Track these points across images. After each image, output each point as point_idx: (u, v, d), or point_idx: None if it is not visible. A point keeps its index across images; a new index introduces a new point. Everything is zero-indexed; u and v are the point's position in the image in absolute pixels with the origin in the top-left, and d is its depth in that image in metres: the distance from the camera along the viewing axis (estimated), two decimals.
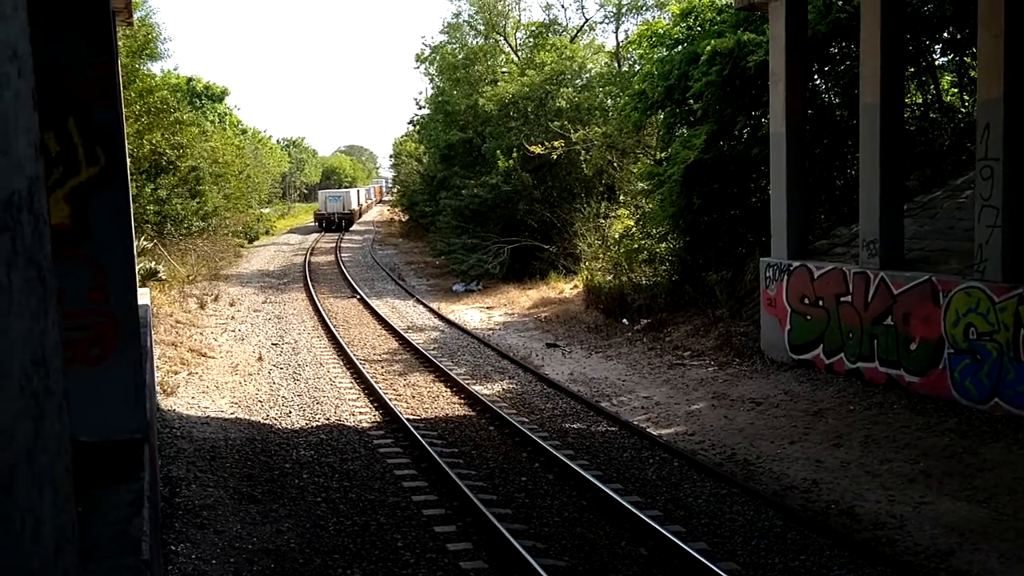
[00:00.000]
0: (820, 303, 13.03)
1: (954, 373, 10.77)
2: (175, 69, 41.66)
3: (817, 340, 13.02)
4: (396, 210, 62.64)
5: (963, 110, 16.92)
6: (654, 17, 30.61)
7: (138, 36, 23.64)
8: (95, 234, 5.86)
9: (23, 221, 0.97)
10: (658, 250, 20.09)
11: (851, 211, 14.42)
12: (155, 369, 11.06)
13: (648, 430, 10.88)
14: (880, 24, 11.86)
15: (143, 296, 9.89)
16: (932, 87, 17.39)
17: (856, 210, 12.99)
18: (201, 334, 18.05)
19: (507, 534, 7.31)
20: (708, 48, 16.34)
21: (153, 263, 20.81)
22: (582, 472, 8.90)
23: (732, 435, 10.57)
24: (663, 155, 20.54)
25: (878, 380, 11.85)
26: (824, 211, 16.84)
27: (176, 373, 14.11)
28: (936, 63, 17.59)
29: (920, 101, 17.48)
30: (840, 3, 15.69)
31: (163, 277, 21.04)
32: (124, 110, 7.32)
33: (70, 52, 5.74)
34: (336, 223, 53.38)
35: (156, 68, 32.97)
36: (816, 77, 17.12)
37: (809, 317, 13.20)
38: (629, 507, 7.88)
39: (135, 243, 6.90)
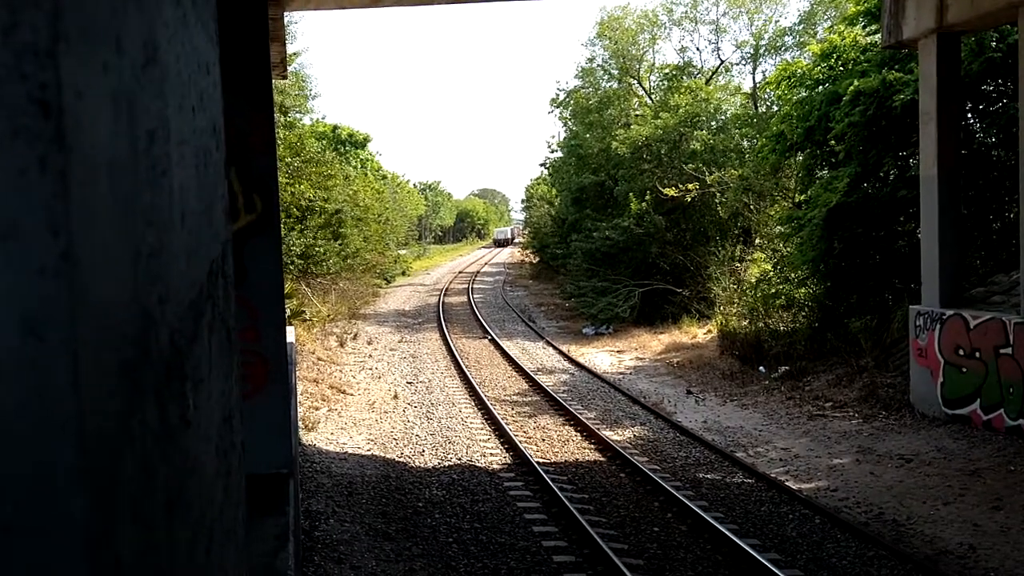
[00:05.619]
0: (977, 355, 12.23)
1: None
2: (323, 118, 43.67)
3: (974, 394, 12.20)
4: (527, 252, 63.91)
5: None
6: (793, 57, 29.94)
7: (291, 91, 25.01)
8: (250, 276, 6.19)
9: (219, 285, 1.04)
10: (797, 295, 19.42)
11: (1010, 257, 13.54)
12: (298, 405, 11.51)
13: (787, 484, 10.44)
14: None
15: (289, 334, 10.33)
16: None
17: (1016, 256, 12.17)
18: (340, 371, 18.69)
19: None
20: (851, 88, 15.85)
21: (298, 302, 21.77)
22: (717, 525, 8.62)
23: (879, 493, 10.00)
24: (802, 198, 19.96)
25: None
26: (980, 257, 15.87)
27: (317, 409, 14.63)
28: None
29: None
30: (994, 43, 14.92)
31: (307, 316, 21.97)
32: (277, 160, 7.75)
33: (233, 106, 6.13)
34: (503, 243, 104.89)
35: (306, 119, 34.81)
36: (970, 116, 16.27)
37: (964, 369, 12.41)
38: (768, 564, 7.56)
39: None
